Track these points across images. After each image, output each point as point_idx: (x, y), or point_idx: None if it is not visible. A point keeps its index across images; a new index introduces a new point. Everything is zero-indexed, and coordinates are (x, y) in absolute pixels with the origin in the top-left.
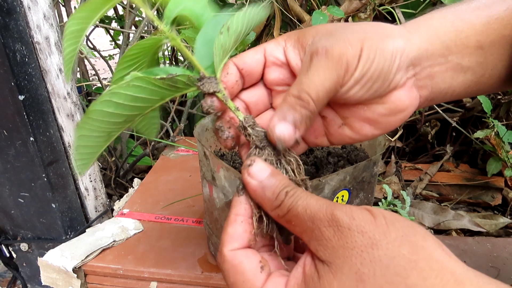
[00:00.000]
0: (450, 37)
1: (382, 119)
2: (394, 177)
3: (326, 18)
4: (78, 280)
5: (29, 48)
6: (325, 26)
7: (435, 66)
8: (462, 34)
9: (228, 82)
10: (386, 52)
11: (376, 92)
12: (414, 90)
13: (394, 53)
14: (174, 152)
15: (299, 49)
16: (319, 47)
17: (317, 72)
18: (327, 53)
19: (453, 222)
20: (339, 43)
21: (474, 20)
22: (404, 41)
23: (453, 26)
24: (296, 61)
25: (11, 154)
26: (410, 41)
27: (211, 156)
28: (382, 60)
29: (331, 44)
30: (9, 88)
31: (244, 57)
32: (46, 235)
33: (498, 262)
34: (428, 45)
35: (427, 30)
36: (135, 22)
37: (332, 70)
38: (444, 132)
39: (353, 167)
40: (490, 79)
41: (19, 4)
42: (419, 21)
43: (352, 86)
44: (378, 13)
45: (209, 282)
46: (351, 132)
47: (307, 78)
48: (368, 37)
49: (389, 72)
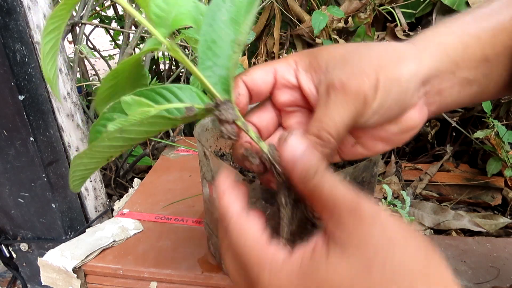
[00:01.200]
0: (458, 53)
1: (394, 137)
2: (394, 177)
3: (326, 18)
4: (78, 280)
5: (29, 48)
6: (337, 50)
7: (443, 83)
8: (469, 49)
9: (240, 104)
10: (401, 80)
11: (392, 117)
12: (424, 108)
13: (409, 79)
14: (174, 152)
15: (312, 74)
16: (335, 80)
17: (336, 109)
18: (344, 87)
19: (453, 222)
20: (355, 76)
21: (480, 33)
22: (416, 63)
23: (461, 42)
24: (309, 85)
25: (11, 154)
26: (421, 62)
27: (211, 156)
28: (399, 89)
29: (347, 77)
30: (9, 88)
31: (253, 75)
32: (46, 235)
33: (498, 262)
34: (438, 63)
35: (436, 48)
36: (135, 22)
37: (351, 105)
38: (444, 132)
39: (353, 167)
40: (495, 87)
41: (19, 4)
42: (427, 37)
43: (370, 116)
44: (378, 13)
45: (209, 282)
46: (363, 150)
47: (326, 116)
48: (383, 65)
49: (405, 99)
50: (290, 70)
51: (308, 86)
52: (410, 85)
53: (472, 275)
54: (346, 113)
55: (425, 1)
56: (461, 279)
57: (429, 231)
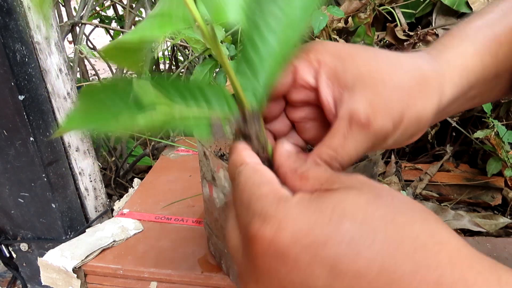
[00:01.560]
0: (477, 76)
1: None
2: (394, 177)
3: (326, 18)
4: (78, 280)
5: (29, 48)
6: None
7: (453, 105)
8: (486, 69)
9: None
10: (423, 118)
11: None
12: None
13: (430, 115)
14: (174, 152)
15: (334, 85)
16: (361, 114)
17: (355, 143)
18: (369, 125)
19: (453, 222)
20: (381, 112)
21: (499, 50)
22: (439, 95)
23: (482, 63)
24: (328, 97)
25: (11, 154)
26: (444, 93)
27: (211, 156)
28: (418, 125)
29: (374, 112)
30: (9, 88)
31: None
32: (46, 235)
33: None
34: (458, 92)
35: (461, 75)
36: (135, 22)
37: (370, 142)
38: (444, 132)
39: (353, 167)
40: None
41: (19, 4)
42: (452, 57)
43: (384, 146)
44: (378, 13)
45: (209, 282)
46: None
47: (343, 149)
48: (410, 103)
49: (420, 129)
50: (311, 71)
51: (326, 97)
52: (428, 121)
53: None
54: (363, 148)
55: (425, 1)
56: None
57: None
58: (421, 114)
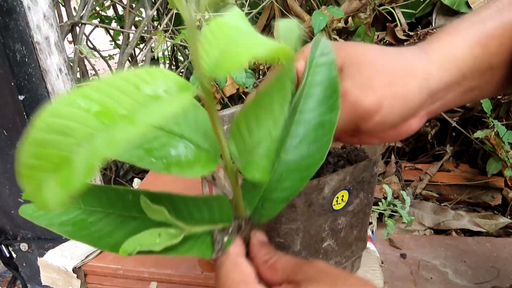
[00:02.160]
0: (468, 65)
1: (390, 137)
2: (394, 177)
3: (326, 18)
4: (78, 280)
5: (29, 48)
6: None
7: (448, 94)
8: (478, 59)
9: None
10: (408, 97)
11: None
12: (424, 116)
13: (415, 95)
14: None
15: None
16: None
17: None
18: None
19: (453, 222)
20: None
21: (489, 42)
22: (426, 78)
23: (472, 53)
24: None
25: (11, 154)
26: (431, 77)
27: None
28: (404, 105)
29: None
30: (9, 88)
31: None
32: (46, 235)
33: (498, 262)
34: (447, 77)
35: (448, 60)
36: (135, 22)
37: (346, 113)
38: (444, 132)
39: (353, 167)
40: (496, 88)
41: (19, 4)
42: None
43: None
44: (378, 13)
45: (209, 282)
46: (359, 141)
47: None
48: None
49: (409, 112)
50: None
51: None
52: (415, 101)
53: (472, 275)
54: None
55: (425, 1)
56: (461, 279)
57: (429, 231)
58: (406, 91)
